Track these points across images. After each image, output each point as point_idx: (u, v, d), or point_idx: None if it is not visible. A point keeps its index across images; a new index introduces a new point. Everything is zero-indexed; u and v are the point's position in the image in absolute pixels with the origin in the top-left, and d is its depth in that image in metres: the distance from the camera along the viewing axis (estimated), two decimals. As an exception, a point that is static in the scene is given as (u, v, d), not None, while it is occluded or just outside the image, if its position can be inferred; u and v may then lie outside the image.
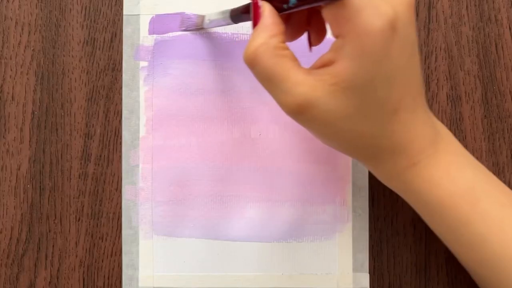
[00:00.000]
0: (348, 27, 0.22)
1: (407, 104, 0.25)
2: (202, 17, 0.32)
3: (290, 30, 0.26)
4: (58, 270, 0.33)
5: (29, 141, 0.33)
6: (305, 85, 0.24)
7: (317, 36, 0.27)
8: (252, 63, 0.24)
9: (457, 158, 0.27)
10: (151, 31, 0.33)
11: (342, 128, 0.24)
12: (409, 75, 0.24)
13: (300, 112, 0.24)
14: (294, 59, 0.24)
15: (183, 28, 0.33)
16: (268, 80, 0.24)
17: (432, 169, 0.26)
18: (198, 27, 0.33)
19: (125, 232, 0.33)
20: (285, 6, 0.23)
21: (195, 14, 0.33)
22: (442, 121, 0.33)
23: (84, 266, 0.33)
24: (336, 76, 0.23)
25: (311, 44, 0.28)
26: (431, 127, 0.27)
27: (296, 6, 0.23)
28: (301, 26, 0.27)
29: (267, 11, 0.24)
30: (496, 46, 0.33)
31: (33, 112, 0.33)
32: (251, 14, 0.25)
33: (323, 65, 0.24)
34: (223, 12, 0.29)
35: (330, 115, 0.24)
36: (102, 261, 0.33)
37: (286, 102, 0.24)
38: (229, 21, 0.29)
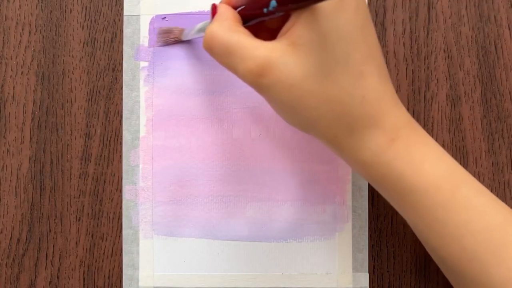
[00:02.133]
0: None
1: (372, 70, 0.24)
2: (182, 30, 0.33)
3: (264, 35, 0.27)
4: (58, 270, 0.33)
5: (30, 141, 0.33)
6: (263, 47, 0.24)
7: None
8: (210, 45, 0.25)
9: (433, 143, 0.26)
10: (151, 31, 0.33)
11: (308, 90, 0.24)
12: (367, 41, 0.24)
13: (261, 74, 0.24)
14: (250, 34, 0.25)
15: (160, 44, 0.33)
16: (227, 53, 0.25)
17: (412, 149, 0.25)
18: (177, 40, 0.33)
19: (125, 232, 0.33)
20: (265, 10, 0.24)
21: (174, 27, 0.33)
22: (442, 121, 0.33)
23: (84, 266, 0.33)
24: (291, 36, 0.24)
25: None
26: (402, 108, 0.26)
27: (276, 10, 0.24)
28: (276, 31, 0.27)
29: (222, 7, 0.26)
30: (495, 46, 0.33)
31: (33, 112, 0.33)
32: (210, 17, 0.27)
33: (282, 35, 0.25)
34: (203, 25, 0.30)
35: (292, 74, 0.24)
36: (102, 261, 0.33)
37: (247, 67, 0.24)
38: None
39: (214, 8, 0.27)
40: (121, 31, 0.33)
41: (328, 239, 0.33)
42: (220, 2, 0.27)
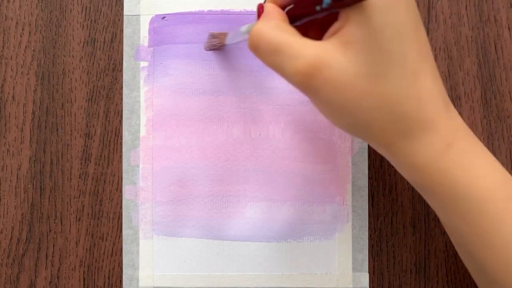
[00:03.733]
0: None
1: (426, 70, 0.23)
2: (225, 34, 0.31)
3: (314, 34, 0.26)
4: (58, 270, 0.33)
5: (30, 141, 0.33)
6: (314, 46, 0.23)
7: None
8: (256, 44, 0.24)
9: (486, 149, 0.25)
10: (151, 31, 0.33)
11: (361, 91, 0.23)
12: (419, 39, 0.23)
13: (312, 74, 0.22)
14: (298, 33, 0.24)
15: (206, 48, 0.33)
16: (275, 52, 0.23)
17: (468, 156, 0.24)
18: (222, 44, 0.32)
19: (125, 232, 0.33)
20: (318, 8, 0.23)
21: (219, 33, 0.32)
22: (442, 121, 0.33)
23: (84, 266, 0.33)
24: (345, 35, 0.22)
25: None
26: (455, 110, 0.25)
27: (331, 6, 0.22)
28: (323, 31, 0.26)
29: (269, 6, 0.25)
30: (495, 46, 0.33)
31: (33, 112, 0.33)
32: (256, 17, 0.25)
33: (332, 35, 0.24)
34: (248, 27, 0.28)
35: (345, 74, 0.22)
36: (102, 261, 0.33)
37: (296, 67, 0.23)
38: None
39: (260, 8, 0.25)
40: (121, 31, 0.33)
41: (328, 239, 0.33)
42: (266, 1, 0.26)
